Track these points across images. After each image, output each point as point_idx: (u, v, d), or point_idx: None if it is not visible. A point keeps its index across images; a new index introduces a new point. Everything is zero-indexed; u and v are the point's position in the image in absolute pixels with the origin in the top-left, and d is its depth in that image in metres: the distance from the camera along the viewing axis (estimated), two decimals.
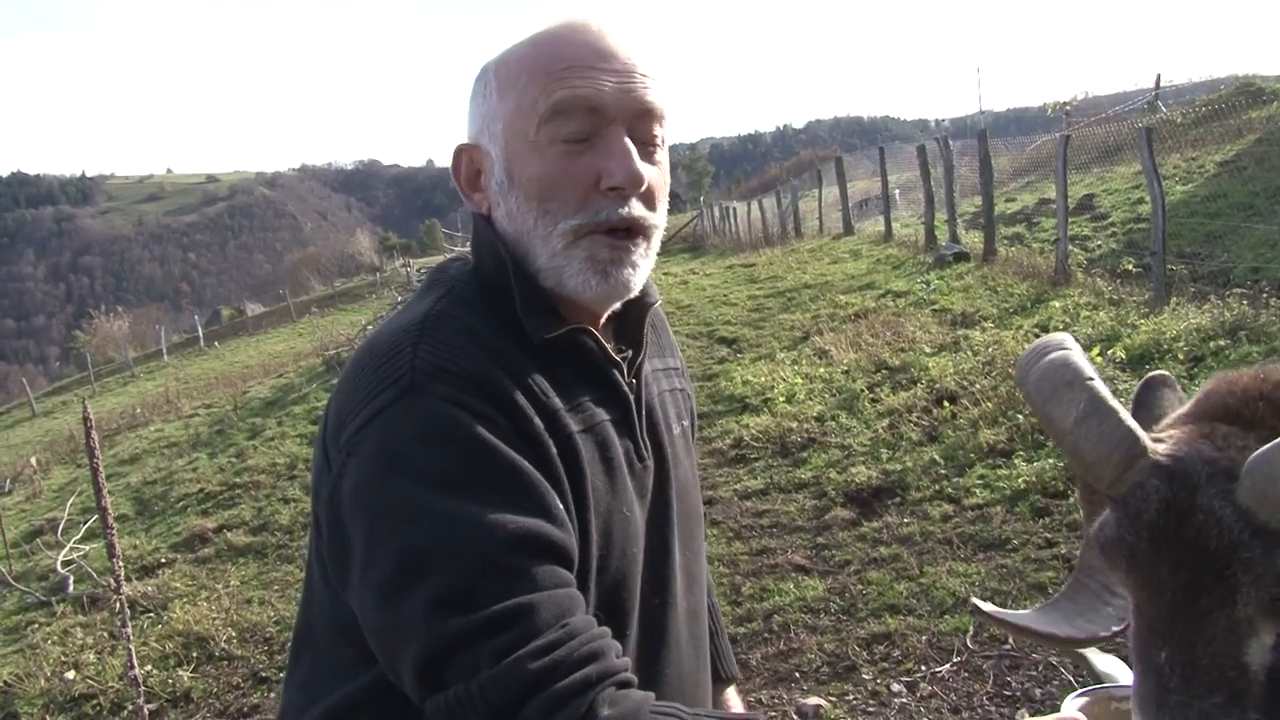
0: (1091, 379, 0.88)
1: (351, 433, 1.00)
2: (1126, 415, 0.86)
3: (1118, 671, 1.17)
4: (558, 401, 1.07)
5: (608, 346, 1.15)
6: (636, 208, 1.09)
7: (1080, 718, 0.92)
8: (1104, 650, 1.19)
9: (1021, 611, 1.06)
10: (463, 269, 1.17)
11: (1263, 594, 0.77)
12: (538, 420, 1.03)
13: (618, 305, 1.16)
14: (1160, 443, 0.87)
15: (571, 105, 1.05)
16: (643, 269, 1.13)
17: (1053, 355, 0.93)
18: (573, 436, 1.06)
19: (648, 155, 1.10)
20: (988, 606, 1.00)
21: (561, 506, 1.00)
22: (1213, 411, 0.89)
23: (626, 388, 1.16)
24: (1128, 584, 0.86)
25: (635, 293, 1.14)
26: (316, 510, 1.07)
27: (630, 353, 1.20)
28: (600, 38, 1.08)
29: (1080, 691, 1.10)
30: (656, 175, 1.11)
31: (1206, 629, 0.79)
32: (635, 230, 1.10)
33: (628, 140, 1.08)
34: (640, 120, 1.09)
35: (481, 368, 1.02)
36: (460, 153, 1.15)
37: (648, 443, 1.18)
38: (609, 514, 1.10)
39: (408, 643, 0.92)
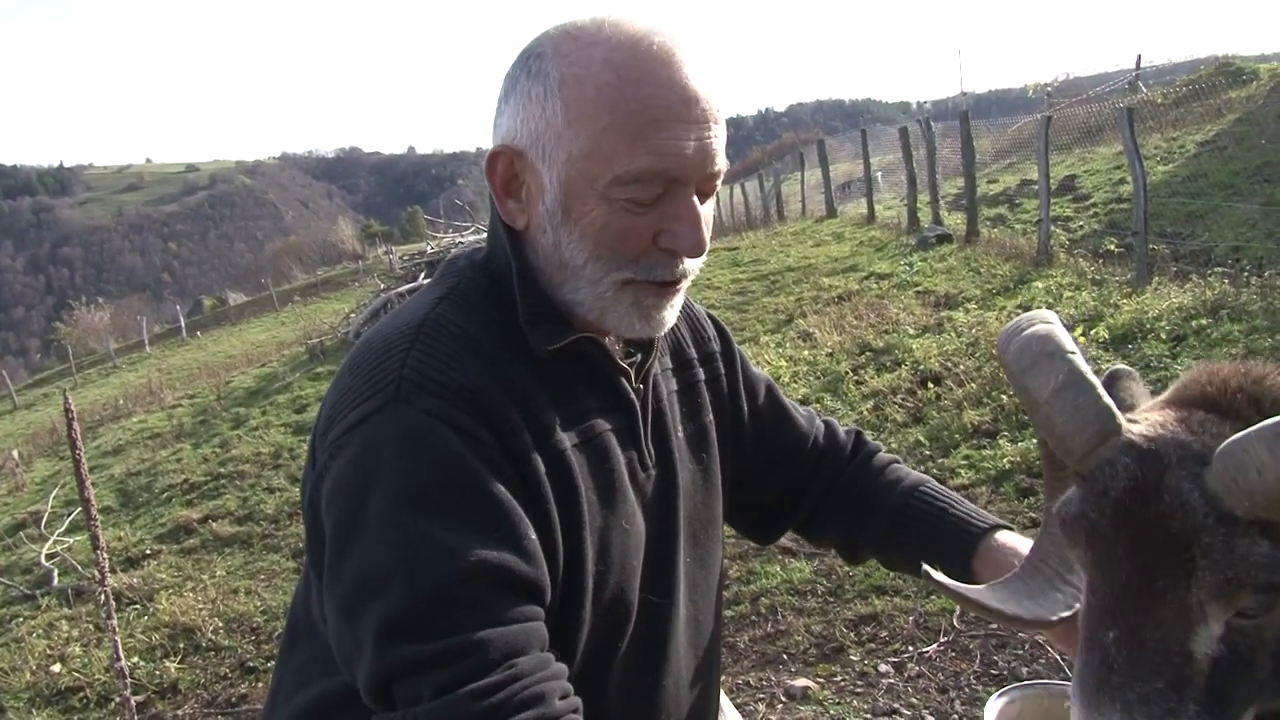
0: (1073, 353, 0.88)
1: (336, 435, 1.00)
2: (1105, 393, 0.86)
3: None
4: (554, 414, 1.04)
5: (615, 353, 1.12)
6: (689, 265, 1.07)
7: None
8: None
9: (974, 586, 1.06)
10: (472, 261, 1.13)
11: (1218, 577, 0.77)
12: (528, 436, 1.01)
13: None
14: (1135, 424, 0.86)
15: (655, 177, 1.00)
16: (679, 304, 1.11)
17: (1035, 327, 0.92)
18: (565, 453, 1.04)
19: (704, 203, 1.06)
20: (939, 575, 1.00)
21: (535, 537, 0.98)
22: (1191, 399, 0.88)
23: (633, 394, 1.13)
24: (1084, 562, 0.86)
25: (670, 326, 1.12)
26: (304, 505, 1.08)
27: (639, 357, 1.16)
28: (684, 75, 1.00)
29: (1004, 690, 1.08)
30: (709, 216, 1.07)
31: (1157, 612, 0.79)
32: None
33: (696, 204, 1.04)
34: (709, 179, 1.05)
35: (473, 380, 1.00)
36: (499, 155, 1.07)
37: (652, 450, 1.16)
38: (606, 529, 1.08)
39: (360, 659, 0.93)
